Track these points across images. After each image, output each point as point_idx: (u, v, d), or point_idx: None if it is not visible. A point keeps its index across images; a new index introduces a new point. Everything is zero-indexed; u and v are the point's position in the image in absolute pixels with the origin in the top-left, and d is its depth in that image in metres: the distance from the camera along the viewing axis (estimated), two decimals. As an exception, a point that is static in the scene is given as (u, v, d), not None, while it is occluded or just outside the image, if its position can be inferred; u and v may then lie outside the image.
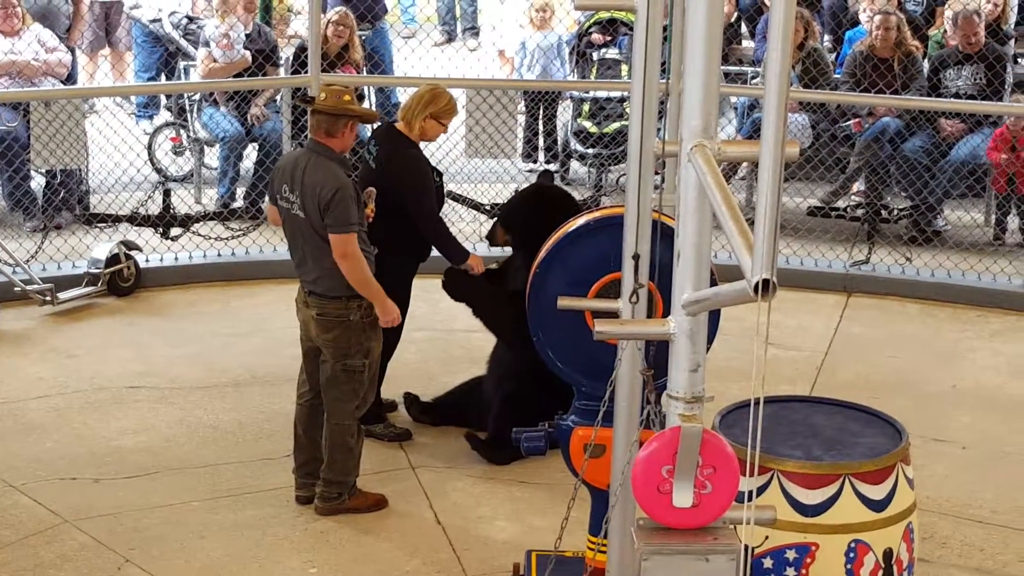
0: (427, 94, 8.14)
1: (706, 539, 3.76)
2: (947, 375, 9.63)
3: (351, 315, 7.12)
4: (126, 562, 6.90)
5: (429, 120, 8.08)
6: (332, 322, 7.13)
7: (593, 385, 5.45)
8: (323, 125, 7.11)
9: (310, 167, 7.08)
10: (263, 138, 12.57)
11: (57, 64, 12.26)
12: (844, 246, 11.95)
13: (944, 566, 7.02)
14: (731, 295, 3.40)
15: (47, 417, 8.61)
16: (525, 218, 7.93)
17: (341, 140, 7.16)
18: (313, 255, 7.13)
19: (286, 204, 7.14)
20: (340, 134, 7.14)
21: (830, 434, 5.74)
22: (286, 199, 7.12)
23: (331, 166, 7.07)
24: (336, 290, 7.09)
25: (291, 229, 7.22)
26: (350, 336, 7.16)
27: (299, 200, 7.06)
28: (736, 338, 7.44)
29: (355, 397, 7.27)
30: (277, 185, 7.21)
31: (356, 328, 7.15)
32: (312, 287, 7.17)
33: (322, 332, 7.17)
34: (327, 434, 7.33)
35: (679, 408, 3.83)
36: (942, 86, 12.47)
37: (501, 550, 7.06)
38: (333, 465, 7.34)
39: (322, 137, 7.13)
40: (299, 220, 7.12)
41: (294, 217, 7.13)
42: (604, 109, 13.29)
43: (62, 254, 11.20)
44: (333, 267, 7.03)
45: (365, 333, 7.18)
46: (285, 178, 7.14)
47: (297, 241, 7.21)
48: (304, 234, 7.13)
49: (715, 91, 3.78)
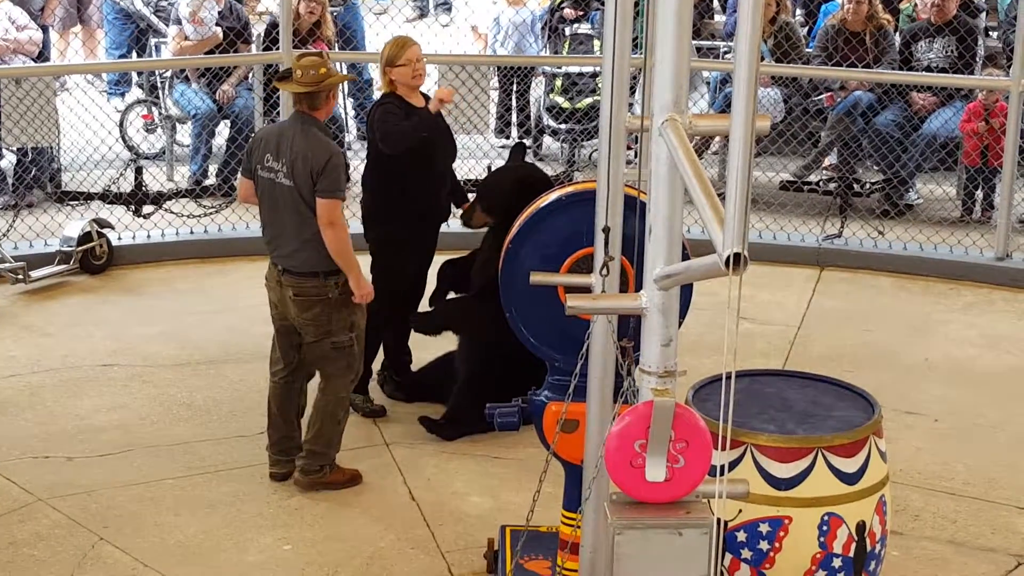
0: (384, 50, 8.29)
1: (679, 513, 3.77)
2: (920, 348, 9.66)
3: (329, 292, 7.12)
4: (100, 540, 6.90)
5: (389, 71, 8.19)
6: (311, 301, 7.13)
7: (567, 360, 5.44)
8: (305, 100, 7.14)
9: (299, 136, 7.11)
10: (235, 115, 12.52)
11: (28, 42, 12.20)
12: (817, 220, 11.97)
13: (917, 538, 7.06)
14: (702, 269, 3.40)
15: (20, 396, 8.58)
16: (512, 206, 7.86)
17: (325, 110, 7.25)
18: (294, 225, 7.11)
19: (268, 175, 7.12)
20: (323, 105, 7.21)
21: (803, 408, 5.76)
22: (268, 168, 7.11)
23: (320, 135, 7.17)
24: (313, 265, 7.08)
25: (270, 201, 7.20)
26: (331, 313, 7.16)
27: (286, 168, 7.07)
28: (709, 312, 7.46)
29: (350, 371, 7.35)
30: (259, 155, 7.19)
31: (336, 304, 7.16)
32: (288, 263, 7.15)
33: (301, 312, 7.16)
34: (320, 405, 7.36)
35: (651, 383, 3.84)
36: (914, 59, 12.49)
37: (475, 525, 7.07)
38: (320, 437, 7.34)
39: (306, 109, 7.16)
40: (283, 189, 7.11)
41: (277, 187, 7.12)
42: (576, 84, 13.27)
43: (34, 232, 11.15)
44: (313, 238, 7.03)
45: (347, 307, 7.20)
46: (269, 148, 7.13)
47: (276, 214, 7.18)
48: (287, 204, 7.12)
49: (686, 65, 3.78)
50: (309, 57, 7.29)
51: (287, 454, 7.45)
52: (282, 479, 7.45)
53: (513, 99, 14.03)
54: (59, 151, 12.31)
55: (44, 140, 11.48)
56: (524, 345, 5.61)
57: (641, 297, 3.88)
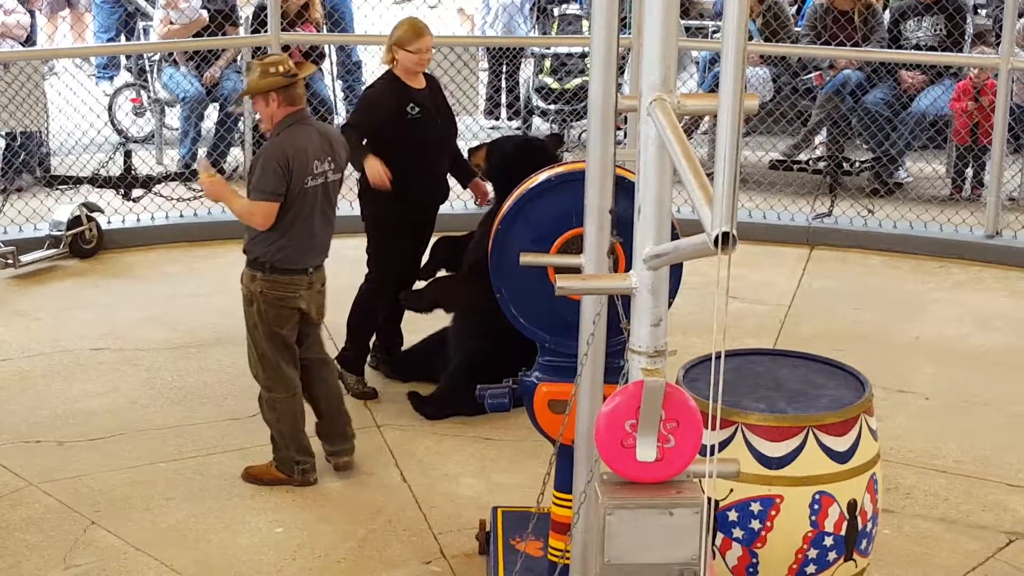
0: (394, 30, 8.32)
1: (670, 493, 3.77)
2: (910, 326, 9.67)
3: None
4: (92, 524, 6.90)
5: (396, 50, 8.22)
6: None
7: (557, 341, 5.45)
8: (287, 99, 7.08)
9: (326, 131, 7.25)
10: (224, 98, 12.50)
11: (15, 26, 12.17)
12: (806, 199, 11.98)
13: (908, 516, 7.07)
14: (691, 249, 3.40)
15: (10, 380, 8.58)
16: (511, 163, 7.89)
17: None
18: (333, 217, 7.27)
19: (319, 180, 7.07)
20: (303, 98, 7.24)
21: (794, 387, 5.77)
22: (320, 174, 7.07)
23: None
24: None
25: (322, 207, 7.15)
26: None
27: (332, 163, 7.13)
28: (700, 292, 7.45)
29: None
30: (303, 168, 7.00)
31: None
32: (324, 256, 7.27)
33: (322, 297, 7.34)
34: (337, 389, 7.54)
35: (641, 362, 3.84)
36: (902, 38, 12.49)
37: (467, 507, 7.07)
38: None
39: (303, 104, 7.20)
40: (335, 184, 7.22)
41: (330, 185, 7.16)
42: (565, 65, 13.27)
43: (23, 217, 11.14)
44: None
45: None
46: (313, 155, 7.04)
47: (327, 217, 7.19)
48: (334, 197, 7.26)
49: (674, 45, 3.77)
50: (273, 56, 7.27)
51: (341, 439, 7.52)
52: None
53: (502, 80, 14.02)
54: (48, 135, 12.30)
55: (33, 124, 11.48)
56: (514, 326, 5.60)
57: (631, 277, 3.88)
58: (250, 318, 7.17)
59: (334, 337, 8.95)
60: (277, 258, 7.03)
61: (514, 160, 7.90)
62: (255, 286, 7.09)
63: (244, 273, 7.16)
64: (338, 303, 8.43)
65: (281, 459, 7.31)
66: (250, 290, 7.11)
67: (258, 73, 7.01)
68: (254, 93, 7.04)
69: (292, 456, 7.28)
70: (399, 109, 8.16)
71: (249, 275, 7.13)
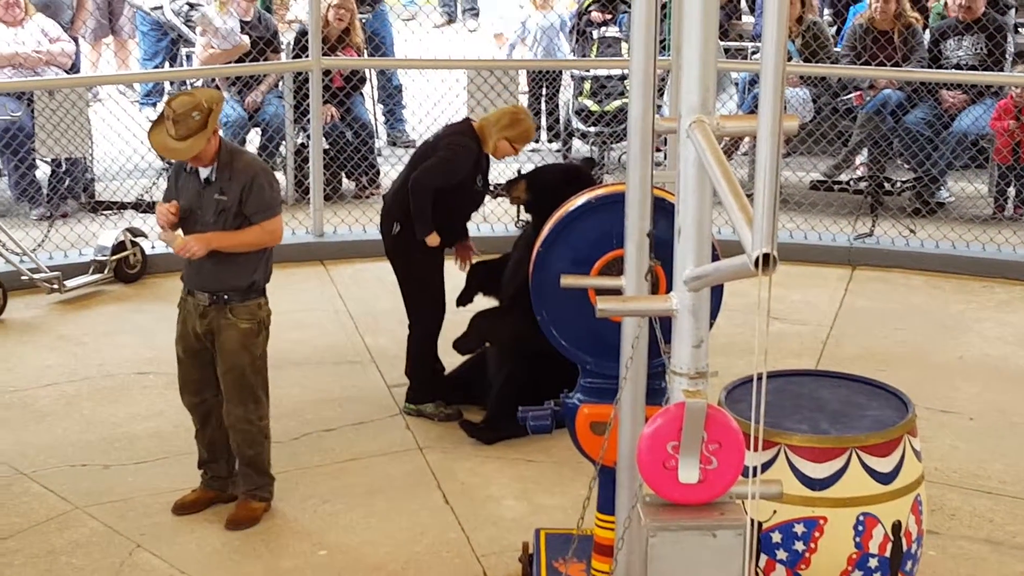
0: (509, 116, 8.30)
1: (713, 514, 3.78)
2: (953, 346, 9.63)
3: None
4: (137, 547, 6.93)
5: (503, 141, 8.20)
6: None
7: (598, 363, 5.46)
8: None
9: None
10: (265, 123, 12.56)
11: (60, 54, 12.25)
12: (848, 219, 11.96)
13: (953, 537, 7.04)
14: (732, 270, 3.41)
15: (56, 404, 8.63)
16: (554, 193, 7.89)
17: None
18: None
19: None
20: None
21: (836, 407, 5.75)
22: None
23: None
24: None
25: None
26: None
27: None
28: (741, 313, 7.45)
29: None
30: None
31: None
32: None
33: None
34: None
35: (683, 384, 3.85)
36: (943, 57, 12.46)
37: (510, 529, 7.07)
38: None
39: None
40: None
41: None
42: (605, 87, 13.27)
43: (68, 242, 11.21)
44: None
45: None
46: None
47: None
48: None
49: (713, 66, 3.79)
50: (178, 100, 6.82)
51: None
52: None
53: (542, 103, 14.05)
54: (92, 161, 12.38)
55: (77, 151, 11.58)
56: (555, 348, 5.62)
57: (672, 299, 3.89)
58: (257, 348, 7.05)
59: (377, 360, 9.02)
60: (268, 273, 7.09)
61: (557, 188, 7.91)
62: (263, 312, 7.04)
63: (244, 308, 6.95)
64: (378, 327, 8.51)
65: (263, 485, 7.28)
66: (258, 318, 7.02)
67: (194, 122, 6.68)
68: (202, 142, 6.75)
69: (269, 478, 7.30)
70: (471, 180, 8.22)
71: (255, 304, 6.99)
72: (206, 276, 6.92)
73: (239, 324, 6.95)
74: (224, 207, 6.87)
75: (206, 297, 6.93)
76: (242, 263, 6.91)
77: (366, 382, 8.95)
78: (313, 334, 9.60)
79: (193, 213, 6.93)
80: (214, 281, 6.92)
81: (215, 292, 6.92)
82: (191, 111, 6.67)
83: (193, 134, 6.69)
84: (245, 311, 6.96)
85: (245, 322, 6.97)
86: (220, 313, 6.94)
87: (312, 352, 9.31)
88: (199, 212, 6.91)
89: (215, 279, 6.92)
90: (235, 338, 6.95)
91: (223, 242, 6.86)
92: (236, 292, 6.93)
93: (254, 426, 7.11)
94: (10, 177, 12.06)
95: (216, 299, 6.92)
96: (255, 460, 7.19)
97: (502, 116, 8.27)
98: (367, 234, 11.39)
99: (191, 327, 7.03)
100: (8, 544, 6.97)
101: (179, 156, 6.82)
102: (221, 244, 6.85)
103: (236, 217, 6.88)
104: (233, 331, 6.95)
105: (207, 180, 6.90)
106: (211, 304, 6.93)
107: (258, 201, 6.89)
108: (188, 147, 6.71)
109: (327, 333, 9.72)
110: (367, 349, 9.39)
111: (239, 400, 7.04)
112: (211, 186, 6.89)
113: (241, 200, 6.86)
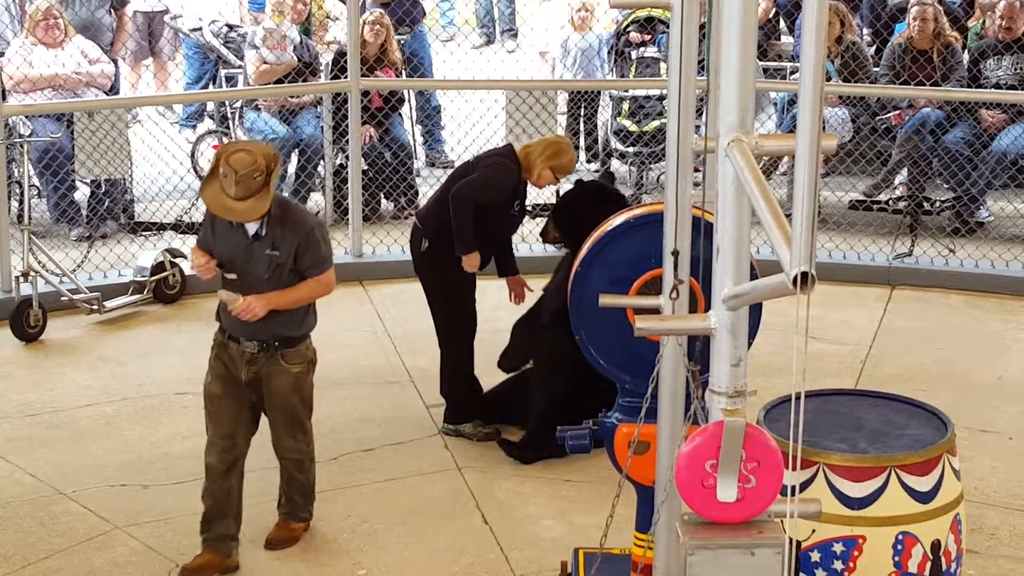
0: (555, 146, 8.31)
1: (751, 533, 3.77)
2: (993, 366, 9.60)
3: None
4: (176, 567, 6.95)
5: (546, 170, 8.21)
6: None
7: (636, 382, 5.45)
8: None
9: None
10: (304, 143, 12.59)
11: (100, 75, 12.32)
12: (887, 239, 11.93)
13: (993, 557, 7.01)
14: (770, 288, 3.41)
15: (96, 424, 8.67)
16: (579, 221, 7.92)
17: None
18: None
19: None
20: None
21: (875, 426, 5.74)
22: None
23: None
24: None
25: None
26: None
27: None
28: (780, 333, 7.44)
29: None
30: None
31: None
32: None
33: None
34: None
35: (722, 403, 3.84)
36: (982, 76, 12.43)
37: (549, 549, 7.07)
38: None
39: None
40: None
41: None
42: (643, 107, 13.28)
43: (108, 263, 11.27)
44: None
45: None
46: None
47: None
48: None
49: (751, 85, 3.79)
50: (236, 158, 6.58)
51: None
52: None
53: (581, 123, 14.07)
54: (132, 182, 12.44)
55: (117, 172, 11.64)
56: (594, 367, 5.62)
57: (710, 318, 3.89)
58: (307, 387, 7.01)
59: (416, 380, 9.03)
60: (315, 317, 7.02)
61: (580, 208, 7.99)
62: (310, 352, 6.98)
63: (295, 353, 6.87)
64: (416, 347, 8.50)
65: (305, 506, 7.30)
66: (307, 359, 6.95)
67: (255, 183, 6.53)
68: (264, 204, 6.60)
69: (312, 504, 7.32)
70: (509, 203, 8.24)
71: (304, 347, 6.91)
72: (255, 326, 6.75)
73: (291, 369, 6.87)
74: (278, 263, 6.71)
75: (254, 345, 6.81)
76: (293, 313, 6.81)
77: (405, 402, 8.97)
78: (352, 354, 9.63)
79: (239, 266, 6.76)
80: (263, 332, 6.78)
81: (264, 341, 6.81)
82: (252, 172, 6.48)
83: (254, 194, 6.51)
84: (296, 356, 6.87)
85: (296, 367, 6.89)
86: (270, 360, 6.84)
87: (351, 372, 9.33)
88: (247, 265, 6.74)
89: (265, 330, 6.77)
90: (287, 382, 6.88)
91: (283, 301, 6.71)
92: (286, 340, 6.85)
93: (304, 454, 7.12)
94: (50, 198, 12.13)
95: (266, 347, 6.81)
96: (305, 484, 7.21)
97: (548, 146, 8.27)
98: (406, 254, 11.35)
99: (234, 372, 6.89)
100: (48, 564, 7.01)
101: (238, 217, 6.60)
102: (280, 304, 6.71)
103: (291, 273, 6.75)
104: (285, 376, 6.86)
105: (256, 235, 6.71)
106: (260, 351, 6.83)
107: (314, 256, 6.76)
108: (249, 208, 6.54)
109: (366, 354, 9.74)
110: (406, 369, 9.41)
111: (290, 433, 7.02)
112: (261, 241, 6.71)
113: (296, 256, 6.72)
